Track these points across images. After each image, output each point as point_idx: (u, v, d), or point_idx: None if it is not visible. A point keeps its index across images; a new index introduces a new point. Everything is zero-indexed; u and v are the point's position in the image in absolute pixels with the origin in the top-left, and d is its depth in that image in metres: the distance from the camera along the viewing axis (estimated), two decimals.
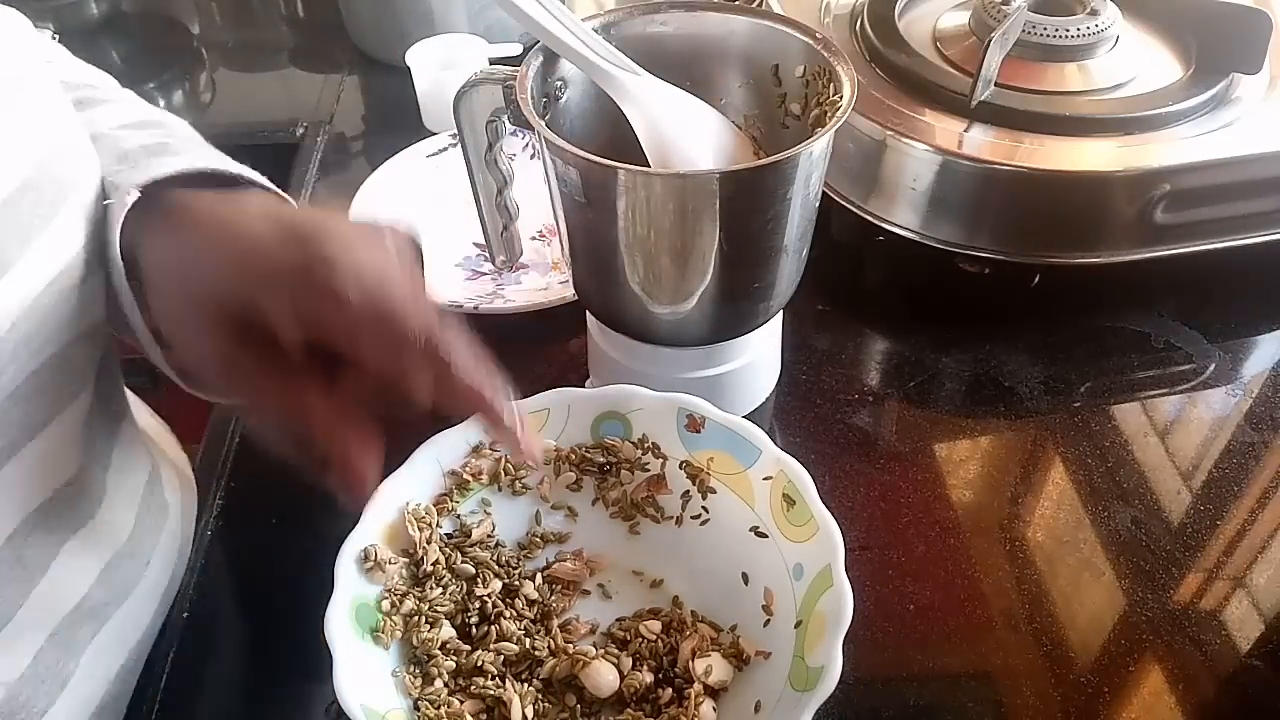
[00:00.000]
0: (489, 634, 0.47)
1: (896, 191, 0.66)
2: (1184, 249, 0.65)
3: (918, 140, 0.64)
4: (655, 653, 0.47)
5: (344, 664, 0.42)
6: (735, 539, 0.49)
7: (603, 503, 0.53)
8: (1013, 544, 0.55)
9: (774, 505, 0.48)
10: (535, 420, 0.52)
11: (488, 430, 0.50)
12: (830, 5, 0.77)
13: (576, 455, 0.52)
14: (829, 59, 0.51)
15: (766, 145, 0.57)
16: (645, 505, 0.52)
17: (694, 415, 0.51)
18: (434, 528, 0.49)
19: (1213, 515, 0.56)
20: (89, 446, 0.45)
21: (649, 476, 0.52)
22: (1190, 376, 0.65)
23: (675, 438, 0.51)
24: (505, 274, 0.71)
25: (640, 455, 0.52)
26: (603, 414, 0.52)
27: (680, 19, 0.55)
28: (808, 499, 0.47)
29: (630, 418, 0.52)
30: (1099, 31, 0.68)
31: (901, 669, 0.50)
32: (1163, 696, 0.48)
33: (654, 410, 0.51)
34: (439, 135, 0.82)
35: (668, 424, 0.51)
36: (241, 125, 0.95)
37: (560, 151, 0.47)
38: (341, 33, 1.02)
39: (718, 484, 0.51)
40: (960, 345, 0.66)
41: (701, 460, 0.51)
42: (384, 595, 0.47)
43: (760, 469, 0.49)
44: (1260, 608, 0.52)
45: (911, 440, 0.61)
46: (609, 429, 0.52)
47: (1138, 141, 0.64)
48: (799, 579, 0.46)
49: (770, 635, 0.46)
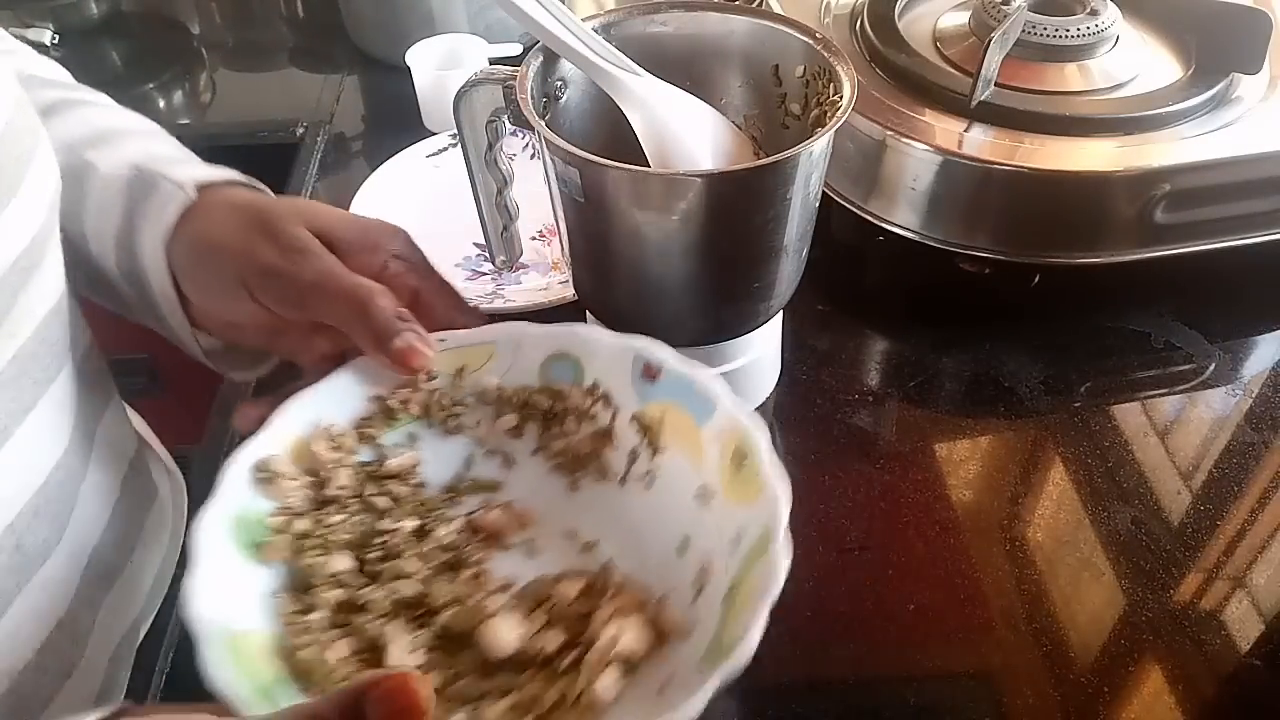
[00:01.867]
0: (386, 569, 0.43)
1: (896, 191, 0.66)
2: (1184, 249, 0.65)
3: (918, 140, 0.64)
4: (568, 616, 0.42)
5: (205, 574, 0.38)
6: (679, 504, 0.45)
7: (544, 453, 0.48)
8: (1013, 544, 0.55)
9: (724, 465, 0.44)
10: (479, 355, 0.47)
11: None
12: (830, 5, 0.77)
13: (520, 398, 0.48)
14: (829, 59, 0.51)
15: (766, 145, 0.57)
16: (589, 461, 0.48)
17: (650, 362, 0.46)
18: (348, 452, 0.45)
19: (1213, 515, 0.56)
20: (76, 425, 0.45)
21: (596, 430, 0.48)
22: (1190, 376, 0.65)
23: (629, 386, 0.47)
24: (505, 274, 0.71)
25: (589, 405, 0.48)
26: (553, 354, 0.48)
27: (680, 19, 0.55)
28: (758, 455, 0.42)
29: (582, 361, 0.47)
30: (1099, 31, 0.68)
31: (901, 669, 0.50)
32: (1163, 696, 0.48)
33: (608, 353, 0.47)
34: (439, 135, 0.82)
35: (622, 370, 0.47)
36: (241, 125, 0.95)
37: (560, 151, 0.47)
38: (341, 33, 1.02)
39: (668, 442, 0.46)
40: (960, 345, 0.66)
41: (655, 413, 0.46)
42: (276, 512, 0.42)
43: (714, 425, 0.45)
44: (1260, 608, 0.52)
45: (911, 440, 0.61)
46: (558, 371, 0.48)
47: (1138, 141, 0.64)
48: (736, 547, 0.41)
49: (698, 610, 0.41)
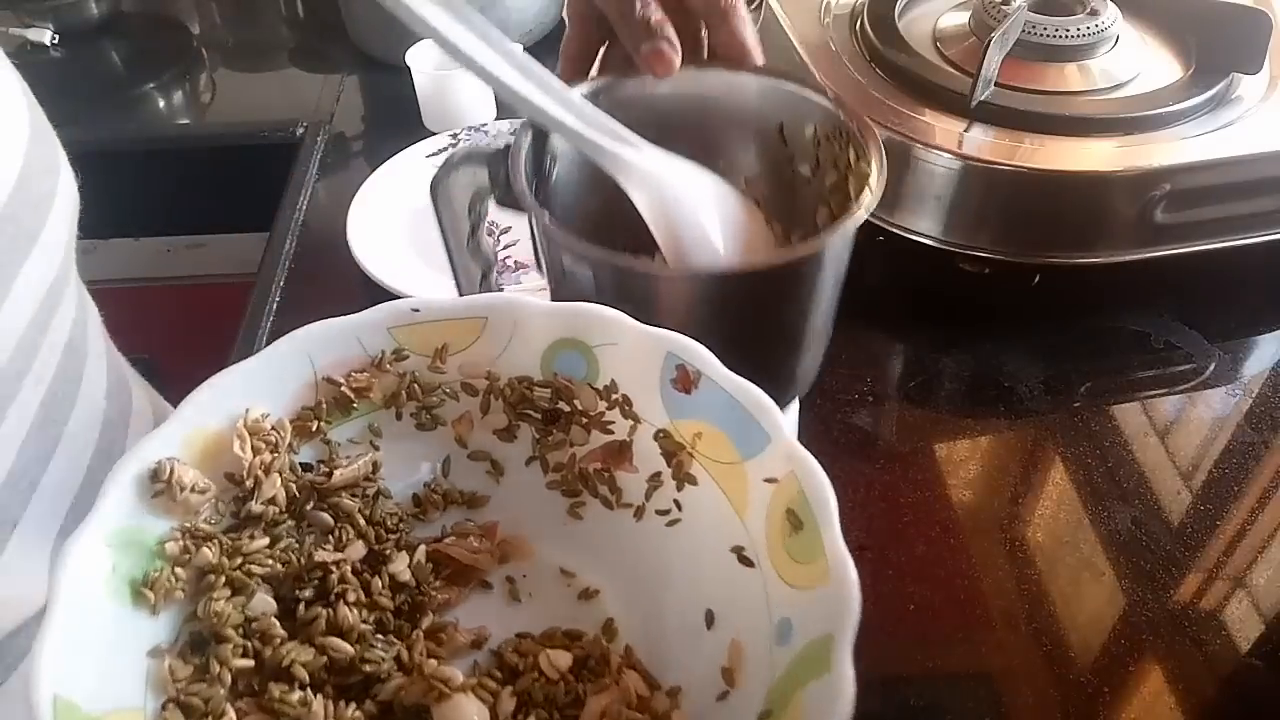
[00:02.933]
0: (318, 621, 0.34)
1: (896, 192, 0.66)
2: (1184, 249, 0.65)
3: (917, 140, 0.64)
4: (552, 700, 0.33)
5: (59, 624, 0.28)
6: (710, 557, 0.36)
7: (540, 464, 0.40)
8: (1013, 544, 0.55)
9: (772, 522, 0.34)
10: (466, 332, 0.38)
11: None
12: (830, 5, 0.77)
13: (515, 390, 0.39)
14: (845, 120, 0.47)
15: (771, 209, 0.53)
16: (597, 481, 0.39)
17: (686, 366, 0.36)
18: (281, 451, 0.35)
19: (1213, 515, 0.56)
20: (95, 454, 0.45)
21: (610, 442, 0.39)
22: (1190, 376, 0.64)
23: (655, 394, 0.37)
24: (505, 274, 0.71)
25: (603, 409, 0.38)
26: (561, 340, 0.38)
27: (678, 77, 0.50)
28: (822, 525, 0.32)
29: (598, 353, 0.38)
30: (1099, 31, 0.68)
31: (901, 669, 0.50)
32: (1163, 696, 0.48)
33: (633, 348, 0.37)
34: (439, 135, 0.82)
35: (649, 372, 0.37)
36: (241, 125, 0.95)
37: (573, 247, 0.42)
38: (341, 33, 1.02)
39: (701, 472, 0.37)
40: (960, 345, 0.66)
41: (685, 434, 0.37)
42: (172, 535, 0.33)
43: (764, 464, 0.34)
44: (1260, 608, 0.52)
45: (911, 440, 0.61)
46: (566, 363, 0.38)
47: (1138, 141, 0.64)
48: (784, 642, 0.32)
49: (723, 716, 0.32)
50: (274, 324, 0.69)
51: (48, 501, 0.42)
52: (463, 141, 0.82)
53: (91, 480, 0.45)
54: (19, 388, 0.38)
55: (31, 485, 0.41)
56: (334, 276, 0.73)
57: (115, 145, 0.92)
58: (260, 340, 0.68)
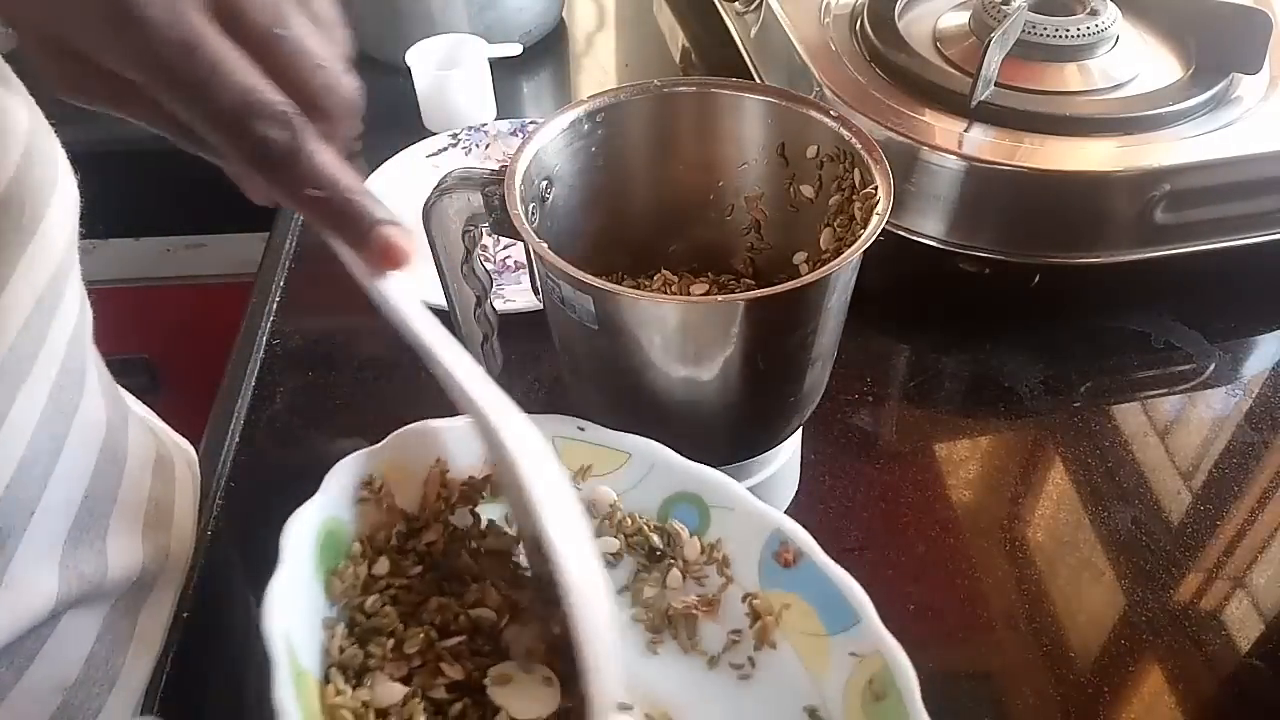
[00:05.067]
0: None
1: (896, 192, 0.66)
2: (1184, 249, 0.65)
3: (918, 140, 0.64)
4: None
5: (286, 575, 0.33)
6: (781, 714, 0.39)
7: (631, 594, 0.43)
8: (1013, 544, 0.55)
9: (852, 690, 0.37)
10: (610, 461, 0.43)
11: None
12: (830, 5, 0.77)
13: (632, 525, 0.43)
14: (850, 140, 0.47)
15: (771, 229, 0.54)
16: (680, 624, 0.42)
17: (789, 544, 0.40)
18: (447, 504, 0.41)
19: (1213, 515, 0.56)
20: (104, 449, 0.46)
21: (699, 594, 0.42)
22: (1190, 376, 0.65)
23: (753, 562, 0.41)
24: (505, 274, 0.71)
25: (702, 562, 0.42)
26: (683, 493, 0.43)
27: (681, 96, 0.50)
28: (906, 700, 0.35)
29: (713, 513, 0.42)
30: (1099, 31, 0.68)
31: None
32: (1163, 696, 0.48)
33: (743, 517, 0.41)
34: (439, 135, 0.82)
35: (752, 542, 0.41)
36: None
37: (571, 280, 0.42)
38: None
39: (783, 640, 0.40)
40: (960, 345, 0.66)
41: (774, 603, 0.40)
42: (360, 537, 0.38)
43: (850, 641, 0.38)
44: (1260, 608, 0.52)
45: (911, 440, 0.61)
46: (682, 513, 0.43)
47: (1138, 141, 0.64)
48: None
49: None
50: (274, 324, 0.69)
51: (62, 491, 0.42)
52: (463, 141, 0.82)
53: (99, 477, 0.45)
54: (30, 369, 0.38)
55: (45, 474, 0.41)
56: (334, 276, 0.72)
57: (115, 145, 0.92)
58: (260, 341, 0.68)
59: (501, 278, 0.71)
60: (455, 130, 0.83)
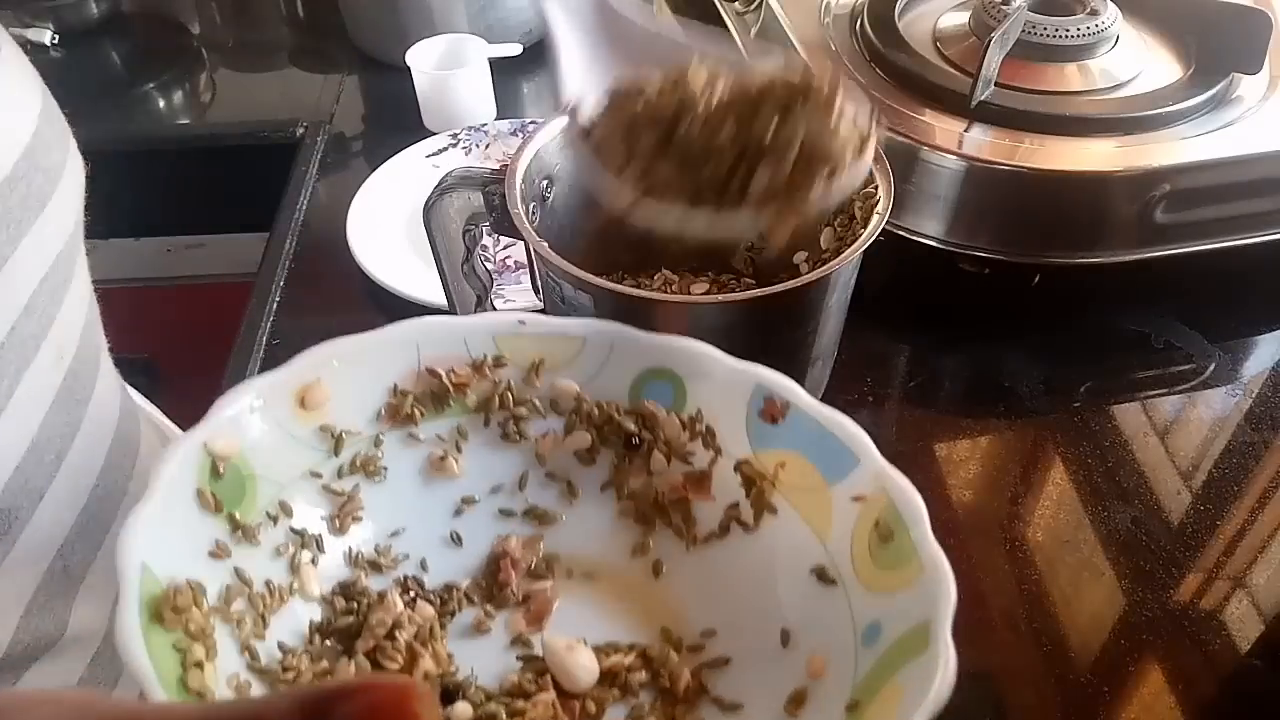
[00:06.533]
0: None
1: (896, 192, 0.66)
2: (1184, 249, 0.65)
3: (918, 140, 0.64)
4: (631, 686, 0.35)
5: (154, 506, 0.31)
6: (787, 581, 0.37)
7: (615, 491, 0.40)
8: (1013, 544, 0.55)
9: (858, 538, 0.35)
10: (563, 350, 0.39)
11: None
12: (830, 5, 0.77)
13: (601, 413, 0.40)
14: None
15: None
16: (673, 512, 0.40)
17: (775, 398, 0.37)
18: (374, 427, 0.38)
19: (1213, 515, 0.56)
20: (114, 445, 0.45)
21: (689, 472, 0.39)
22: (1190, 376, 0.64)
23: (740, 427, 0.38)
24: (505, 274, 0.71)
25: (685, 439, 0.39)
26: (651, 369, 0.39)
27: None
28: (912, 528, 0.33)
29: (687, 382, 0.39)
30: (1099, 31, 0.68)
31: None
32: (1163, 696, 0.48)
33: (722, 379, 0.38)
34: (439, 135, 0.82)
35: (735, 406, 0.38)
36: (241, 125, 0.95)
37: (571, 278, 0.42)
38: (341, 33, 1.02)
39: (782, 501, 0.38)
40: (960, 345, 0.66)
41: (767, 464, 0.38)
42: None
43: (852, 486, 0.36)
44: (1260, 608, 0.52)
45: (911, 440, 0.61)
46: (654, 391, 0.39)
47: (1138, 141, 0.64)
48: (870, 644, 0.32)
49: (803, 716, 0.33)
50: (274, 324, 0.69)
51: (71, 480, 0.42)
52: (463, 141, 0.82)
53: (110, 470, 0.45)
54: (35, 351, 0.38)
55: (58, 458, 0.40)
56: (334, 276, 0.73)
57: (115, 145, 0.92)
58: (260, 341, 0.68)
59: (501, 278, 0.71)
60: (455, 130, 0.83)
